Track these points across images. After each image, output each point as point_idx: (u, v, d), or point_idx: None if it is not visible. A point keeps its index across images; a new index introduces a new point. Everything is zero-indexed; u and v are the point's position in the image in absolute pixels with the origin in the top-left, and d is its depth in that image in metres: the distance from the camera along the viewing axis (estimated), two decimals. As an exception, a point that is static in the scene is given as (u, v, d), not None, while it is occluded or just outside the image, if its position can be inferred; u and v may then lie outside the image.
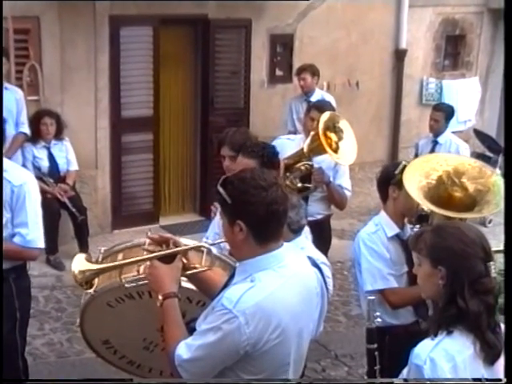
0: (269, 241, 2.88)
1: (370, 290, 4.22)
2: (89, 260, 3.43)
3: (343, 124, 6.16)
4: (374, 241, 4.31)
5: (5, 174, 4.31)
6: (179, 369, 2.88)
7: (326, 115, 6.04)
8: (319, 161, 6.04)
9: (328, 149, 5.92)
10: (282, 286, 2.86)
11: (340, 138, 6.09)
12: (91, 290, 3.48)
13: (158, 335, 3.59)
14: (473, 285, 2.74)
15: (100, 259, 3.45)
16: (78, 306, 4.96)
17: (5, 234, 4.32)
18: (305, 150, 5.96)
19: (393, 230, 4.32)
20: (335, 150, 6.04)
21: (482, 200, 4.14)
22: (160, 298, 3.01)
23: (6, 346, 4.42)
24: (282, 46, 9.86)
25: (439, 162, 4.36)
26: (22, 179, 4.38)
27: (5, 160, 4.54)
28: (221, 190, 2.88)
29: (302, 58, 9.61)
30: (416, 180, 4.20)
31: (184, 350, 2.86)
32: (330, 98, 8.67)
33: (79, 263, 3.38)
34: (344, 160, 6.14)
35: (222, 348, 2.79)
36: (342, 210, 6.61)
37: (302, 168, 5.94)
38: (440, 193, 4.22)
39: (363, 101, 10.40)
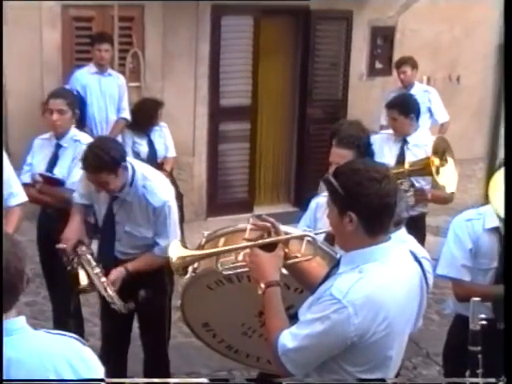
0: (378, 233, 2.86)
1: (440, 274, 4.16)
2: (184, 246, 3.47)
3: (450, 156, 6.03)
4: (463, 228, 4.18)
5: (145, 192, 4.56)
6: (283, 358, 2.85)
7: (440, 140, 5.95)
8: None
9: (435, 176, 5.80)
10: (390, 278, 2.84)
11: (442, 165, 5.98)
12: (187, 276, 3.52)
13: (257, 321, 3.61)
14: None
15: (203, 242, 3.49)
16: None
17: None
18: (407, 167, 5.83)
19: (495, 222, 4.12)
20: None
21: None
22: (262, 286, 3.00)
23: (159, 314, 4.89)
24: (383, 38, 9.75)
25: None
26: (162, 199, 4.59)
27: (145, 170, 4.73)
28: (333, 180, 2.85)
29: (403, 50, 9.48)
30: None
31: (289, 339, 2.84)
32: (431, 90, 8.61)
33: (176, 249, 3.43)
34: (448, 187, 6.02)
35: (330, 338, 2.77)
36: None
37: (402, 188, 5.81)
38: None
39: (464, 96, 10.18)
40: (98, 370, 2.47)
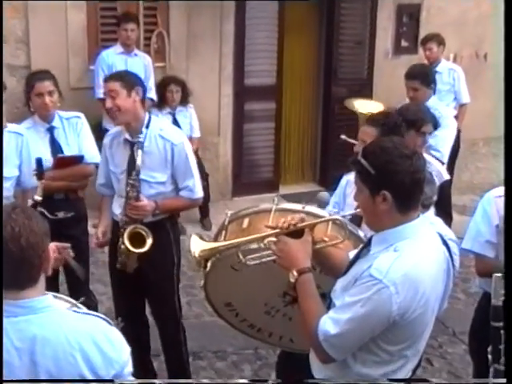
0: (410, 210, 2.87)
1: (464, 248, 4.11)
2: (203, 239, 3.49)
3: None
4: (491, 204, 4.14)
5: (162, 133, 4.61)
6: (325, 344, 2.84)
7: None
8: None
9: None
10: (423, 255, 2.85)
11: None
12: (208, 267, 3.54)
13: (280, 301, 3.62)
14: None
15: (226, 222, 3.49)
16: (198, 270, 5.09)
17: (166, 190, 4.66)
18: None
19: None
20: None
21: None
22: (295, 273, 2.98)
23: (165, 288, 4.87)
24: (409, 16, 9.70)
25: None
26: (181, 138, 4.67)
27: (161, 119, 4.83)
28: (362, 160, 2.84)
29: (429, 28, 9.38)
30: None
31: (331, 324, 2.83)
32: (457, 69, 8.53)
33: (197, 243, 3.44)
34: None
35: (372, 319, 2.77)
36: None
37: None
38: None
39: (491, 74, 10.05)
40: (123, 349, 2.49)
